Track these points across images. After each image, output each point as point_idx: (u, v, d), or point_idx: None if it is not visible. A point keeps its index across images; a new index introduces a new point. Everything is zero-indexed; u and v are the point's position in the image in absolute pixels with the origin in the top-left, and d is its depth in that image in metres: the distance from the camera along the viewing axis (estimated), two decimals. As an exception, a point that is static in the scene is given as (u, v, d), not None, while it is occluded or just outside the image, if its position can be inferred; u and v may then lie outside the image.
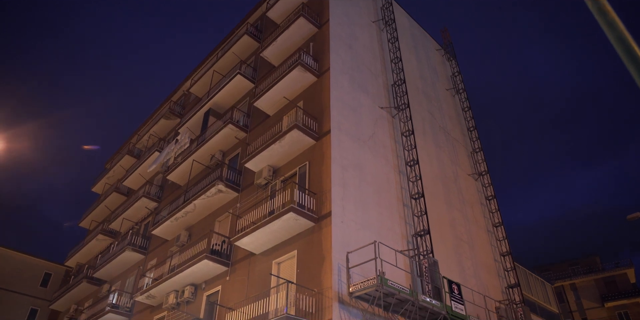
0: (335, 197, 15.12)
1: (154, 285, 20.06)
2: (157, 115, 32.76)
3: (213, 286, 18.24)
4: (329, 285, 13.28)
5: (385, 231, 16.22)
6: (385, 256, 14.08)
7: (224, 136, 21.97)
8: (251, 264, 16.88)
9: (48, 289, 39.47)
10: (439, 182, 21.07)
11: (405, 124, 20.05)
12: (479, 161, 25.19)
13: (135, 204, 27.10)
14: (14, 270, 38.71)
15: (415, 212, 17.64)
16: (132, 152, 33.25)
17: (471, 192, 23.33)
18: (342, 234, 14.48)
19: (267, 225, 15.40)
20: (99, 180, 37.17)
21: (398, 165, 18.99)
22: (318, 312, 13.13)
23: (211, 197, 20.18)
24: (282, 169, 18.15)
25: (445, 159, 22.78)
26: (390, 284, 12.81)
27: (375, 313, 13.66)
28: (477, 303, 17.12)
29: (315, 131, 17.33)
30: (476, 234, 21.62)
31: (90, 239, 31.24)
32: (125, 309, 23.41)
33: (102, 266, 26.83)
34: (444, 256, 17.91)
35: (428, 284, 14.90)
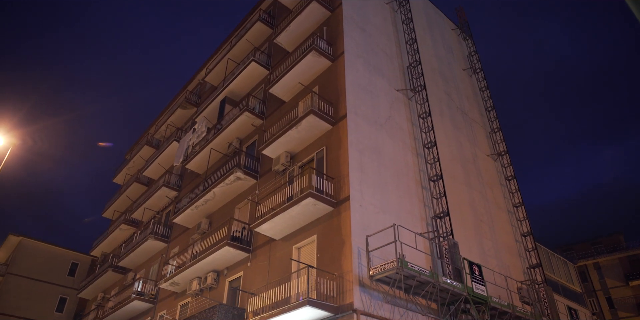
0: (353, 181, 15.09)
1: (177, 273, 20.38)
2: (174, 105, 32.93)
3: (235, 272, 18.46)
4: (349, 269, 13.31)
5: (405, 214, 16.18)
6: (405, 239, 14.05)
7: (240, 124, 22.02)
8: (271, 250, 17.01)
9: (75, 278, 40.46)
10: (458, 163, 20.89)
11: (421, 105, 19.84)
12: (498, 141, 24.87)
13: (156, 193, 27.45)
14: (42, 261, 39.74)
15: (434, 194, 17.53)
16: (150, 143, 33.58)
17: (490, 173, 23.10)
18: (361, 217, 14.48)
19: (286, 211, 15.46)
20: (119, 171, 37.69)
21: (416, 147, 18.84)
22: (339, 295, 13.20)
23: (230, 184, 20.30)
24: (299, 155, 18.15)
25: (464, 139, 22.53)
26: (411, 267, 12.79)
27: (396, 295, 13.68)
28: (498, 284, 17.04)
29: (332, 116, 17.25)
30: (496, 214, 21.44)
31: (113, 229, 31.80)
32: (150, 296, 23.86)
33: (126, 255, 27.33)
34: (464, 238, 17.82)
35: (448, 265, 14.86)
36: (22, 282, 38.35)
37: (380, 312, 13.17)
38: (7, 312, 36.81)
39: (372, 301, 13.18)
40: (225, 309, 16.14)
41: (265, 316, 13.77)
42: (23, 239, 40.24)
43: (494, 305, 14.80)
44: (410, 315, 13.88)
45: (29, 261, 39.32)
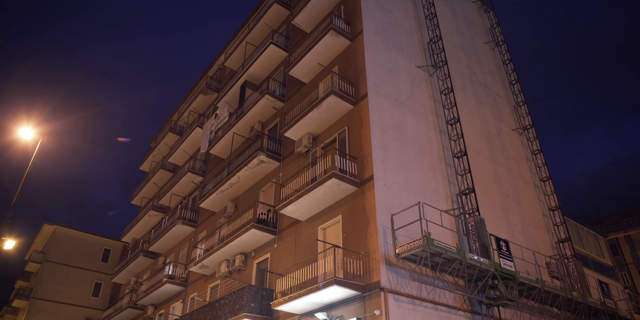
0: (376, 161, 15.02)
1: (206, 256, 20.75)
2: (195, 91, 33.10)
3: (262, 254, 18.69)
4: (375, 247, 13.34)
5: (429, 192, 16.07)
6: (430, 216, 13.97)
7: (261, 107, 22.03)
8: (297, 231, 17.13)
9: (109, 263, 41.65)
10: (482, 138, 20.57)
11: (443, 81, 19.51)
12: (523, 115, 24.35)
13: (182, 179, 27.83)
14: (76, 248, 40.99)
15: (459, 170, 17.34)
16: (174, 130, 33.92)
17: (516, 147, 22.70)
18: (385, 196, 14.44)
19: (311, 192, 15.50)
20: (145, 158, 38.27)
21: (439, 124, 18.61)
22: (366, 274, 13.26)
23: (254, 168, 20.43)
24: (321, 136, 18.11)
25: (488, 114, 22.13)
26: (437, 244, 12.74)
27: (423, 273, 13.68)
28: (526, 259, 16.88)
29: (352, 95, 17.12)
30: (523, 189, 21.14)
31: (142, 216, 32.43)
32: (180, 279, 24.40)
33: (156, 240, 27.92)
34: (490, 213, 17.64)
35: (475, 242, 14.76)
36: (58, 269, 39.68)
37: (407, 290, 13.21)
38: (47, 298, 38.23)
39: (399, 279, 13.21)
40: (254, 290, 16.40)
41: (294, 296, 13.94)
42: (57, 227, 41.47)
43: (522, 280, 14.69)
44: (438, 293, 13.90)
45: (64, 248, 40.60)
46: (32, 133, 19.66)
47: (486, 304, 14.42)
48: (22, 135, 19.47)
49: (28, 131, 19.55)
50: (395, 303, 12.67)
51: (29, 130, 19.56)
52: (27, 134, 19.55)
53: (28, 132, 19.55)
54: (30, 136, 19.69)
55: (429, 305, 13.46)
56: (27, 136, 19.61)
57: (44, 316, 37.36)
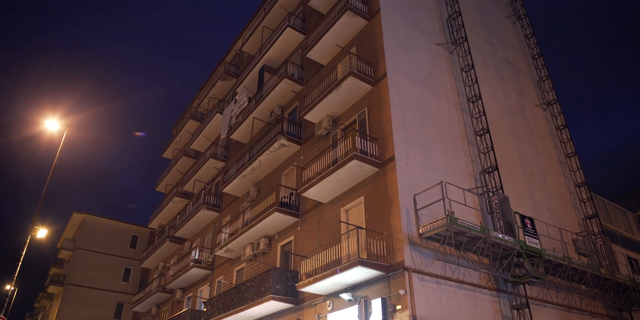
0: (397, 141, 14.91)
1: (230, 240, 21.02)
2: (214, 77, 33.19)
3: (286, 237, 18.85)
4: (399, 228, 13.33)
5: (452, 171, 15.93)
6: (453, 195, 13.87)
7: (280, 91, 21.99)
8: (320, 213, 17.20)
9: (137, 249, 42.62)
10: (505, 115, 20.21)
11: (464, 58, 19.15)
12: (547, 90, 23.78)
13: (204, 165, 28.10)
14: (105, 235, 42.01)
15: (481, 148, 17.12)
16: (195, 116, 34.17)
17: (540, 123, 22.25)
18: (407, 176, 14.36)
19: (332, 174, 15.50)
20: (168, 146, 38.71)
21: (460, 102, 18.33)
22: (390, 254, 13.28)
23: (275, 152, 20.49)
24: (341, 118, 18.03)
25: (510, 91, 21.69)
26: (460, 223, 12.66)
27: (447, 252, 13.64)
28: (552, 236, 16.67)
29: (371, 76, 16.95)
30: (547, 166, 20.78)
31: (167, 202, 32.94)
32: (207, 263, 24.82)
33: (181, 226, 28.37)
34: (515, 191, 17.42)
35: (499, 220, 14.62)
36: (89, 256, 40.77)
37: (431, 269, 13.20)
38: (80, 283, 39.39)
39: (422, 259, 13.20)
40: (279, 272, 16.60)
41: (318, 277, 14.06)
42: (86, 215, 42.47)
43: (549, 257, 14.54)
44: (462, 271, 13.86)
45: (93, 236, 41.62)
46: (57, 125, 20.00)
47: (511, 282, 14.34)
48: (48, 127, 19.83)
49: (54, 123, 19.88)
50: (419, 282, 12.69)
51: (54, 122, 19.90)
52: (53, 125, 19.89)
53: (54, 124, 19.89)
54: (56, 128, 20.03)
55: (454, 284, 13.45)
56: (53, 128, 19.96)
57: (78, 301, 38.56)
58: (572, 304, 16.73)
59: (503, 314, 14.17)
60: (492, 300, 14.19)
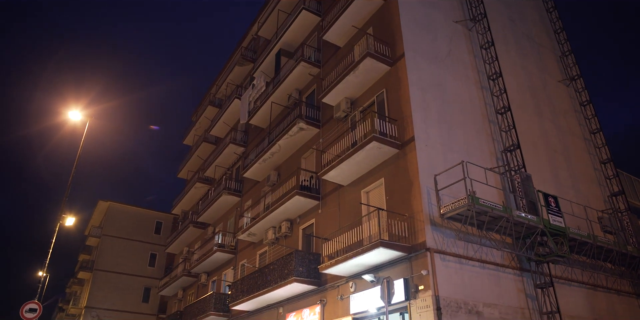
0: (416, 121, 14.77)
1: (252, 224, 21.24)
2: (231, 63, 33.18)
3: (307, 220, 18.95)
4: (420, 208, 13.28)
5: (473, 150, 15.74)
6: (475, 175, 13.70)
7: (298, 74, 21.90)
8: (340, 196, 17.22)
9: (161, 235, 43.41)
10: (527, 92, 19.80)
11: (483, 35, 18.74)
12: (570, 65, 23.13)
13: (224, 150, 28.29)
14: (130, 222, 42.85)
15: (503, 127, 16.84)
16: (213, 103, 34.30)
17: (563, 100, 21.74)
18: (427, 157, 14.25)
19: (351, 156, 15.47)
20: (188, 133, 39.05)
21: (480, 80, 18.01)
22: (411, 235, 13.27)
23: (294, 135, 20.49)
24: (359, 100, 17.91)
25: (532, 67, 21.19)
26: (482, 202, 12.55)
27: (469, 232, 13.56)
28: (577, 214, 16.39)
29: (389, 56, 16.74)
30: (571, 143, 20.36)
31: (189, 188, 33.36)
32: (230, 247, 25.16)
33: (204, 211, 28.75)
34: (538, 169, 17.14)
35: (522, 199, 14.44)
36: (115, 242, 41.68)
37: (453, 249, 13.16)
38: (108, 269, 40.39)
39: (444, 239, 13.16)
40: (301, 255, 16.75)
41: (340, 259, 14.14)
42: (111, 203, 43.31)
43: (573, 236, 14.35)
44: (485, 251, 13.78)
45: (119, 223, 42.49)
46: (80, 115, 20.27)
47: (535, 260, 14.23)
48: (70, 117, 20.11)
49: (76, 113, 20.16)
50: (441, 263, 12.68)
51: (77, 113, 20.17)
52: (76, 116, 20.16)
53: (76, 114, 20.16)
54: (78, 118, 20.30)
55: (476, 264, 13.40)
56: (76, 118, 20.23)
57: (107, 286, 39.58)
58: (598, 282, 16.55)
59: (527, 293, 14.09)
60: (516, 280, 14.11)
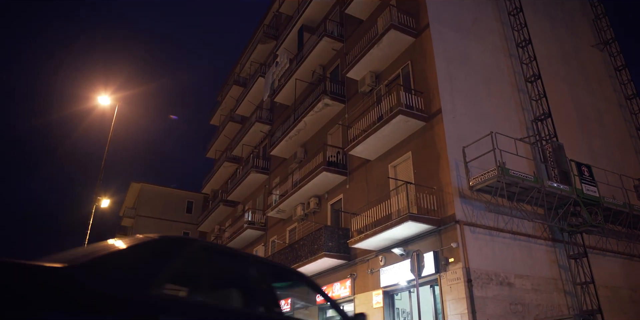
0: (443, 93, 14.52)
1: (281, 201, 21.43)
2: (254, 41, 33.04)
3: (335, 195, 19.00)
4: (448, 181, 13.15)
5: (502, 120, 15.40)
6: (504, 146, 13.44)
7: (321, 50, 21.68)
8: (368, 171, 17.18)
9: (193, 214, 44.29)
10: (557, 59, 19.16)
11: (511, 1, 18.11)
12: (604, 28, 22.14)
13: (251, 129, 28.43)
14: (162, 203, 43.80)
15: (533, 95, 16.40)
16: (238, 82, 34.33)
17: (596, 65, 20.95)
18: (455, 129, 14.03)
19: (378, 131, 15.36)
20: (214, 113, 39.31)
21: (508, 48, 17.49)
22: (440, 208, 13.18)
23: (319, 112, 20.41)
24: (384, 73, 17.66)
25: (562, 32, 20.42)
26: (513, 173, 12.34)
27: (499, 204, 13.39)
28: (611, 183, 15.96)
29: (413, 28, 16.38)
30: (606, 110, 19.71)
31: (218, 167, 33.78)
32: (260, 224, 25.51)
33: (233, 190, 29.12)
34: (570, 138, 16.68)
35: (554, 169, 14.14)
36: (149, 222, 42.71)
37: (483, 222, 13.04)
38: (143, 249, 41.53)
39: (474, 211, 13.04)
40: (330, 230, 16.86)
41: (369, 234, 14.19)
42: (143, 185, 44.28)
43: (608, 205, 14.02)
44: (516, 222, 13.61)
45: (152, 203, 43.49)
46: (109, 100, 20.56)
47: (568, 231, 13.99)
48: (100, 102, 20.43)
49: (105, 98, 20.46)
50: (471, 235, 12.59)
51: (106, 98, 20.48)
52: (105, 100, 20.47)
53: (105, 99, 20.47)
54: (108, 103, 20.61)
55: (507, 235, 13.26)
56: (105, 103, 20.54)
57: (144, 266, 40.77)
58: (634, 252, 16.21)
59: (559, 264, 13.92)
60: (548, 251, 13.94)
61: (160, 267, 2.66)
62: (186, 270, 3.06)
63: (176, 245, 2.95)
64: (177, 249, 2.90)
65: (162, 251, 2.80)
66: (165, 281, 2.65)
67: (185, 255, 2.91)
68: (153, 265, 2.64)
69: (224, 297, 3.25)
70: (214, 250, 3.44)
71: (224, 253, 3.57)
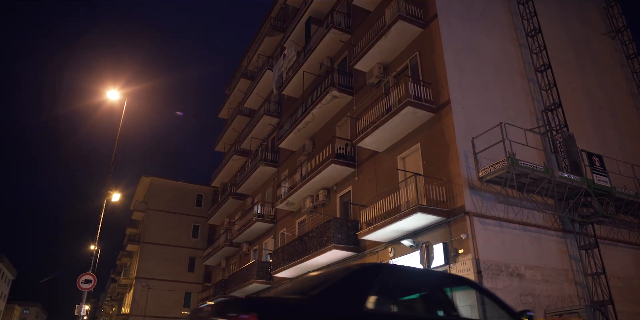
0: (452, 84, 14.42)
1: (290, 193, 21.47)
2: (261, 34, 32.94)
3: (344, 187, 19.00)
4: (457, 172, 13.10)
5: (511, 111, 15.27)
6: (514, 136, 13.34)
7: (328, 42, 21.59)
8: (376, 162, 17.14)
9: (202, 207, 44.55)
10: (568, 48, 18.90)
11: (520, -10, 17.90)
12: (615, 16, 21.72)
13: (259, 122, 28.44)
14: (172, 196, 44.08)
15: (543, 85, 16.23)
16: (245, 75, 34.29)
17: (608, 54, 20.61)
18: (464, 120, 13.95)
19: (386, 122, 15.30)
20: (222, 106, 39.34)
21: (517, 38, 17.29)
22: (450, 200, 13.14)
23: (327, 104, 20.37)
24: (392, 64, 17.56)
25: (573, 21, 20.12)
26: (522, 164, 12.27)
27: (509, 195, 13.32)
28: (623, 173, 15.78)
29: (421, 18, 16.25)
30: (617, 99, 19.44)
31: (227, 161, 33.88)
32: (269, 216, 25.60)
33: (242, 183, 29.22)
34: (581, 128, 16.50)
35: (564, 159, 14.04)
36: (160, 215, 43.05)
37: (493, 213, 12.99)
38: (154, 241, 41.91)
39: (484, 202, 12.99)
40: (339, 222, 16.88)
41: (379, 225, 14.19)
42: (153, 178, 44.56)
43: (619, 195, 13.91)
44: (526, 213, 13.54)
45: (162, 197, 43.78)
46: (117, 94, 20.63)
47: (579, 222, 13.90)
48: (109, 97, 20.49)
49: (114, 93, 20.53)
50: (481, 226, 12.55)
51: (115, 92, 20.55)
52: (114, 95, 20.53)
53: (114, 94, 20.54)
54: (116, 97, 20.67)
55: (517, 226, 13.20)
56: (114, 97, 20.61)
57: (155, 257, 41.16)
58: (647, 243, 16.10)
59: (570, 254, 13.85)
60: (558, 241, 13.87)
61: (368, 288, 3.63)
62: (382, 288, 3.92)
63: (374, 270, 4.10)
64: (375, 273, 3.97)
65: (365, 276, 3.81)
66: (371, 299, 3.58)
67: (380, 277, 3.94)
68: (363, 288, 3.60)
69: (412, 306, 4.25)
70: (399, 270, 4.70)
71: (406, 271, 4.84)
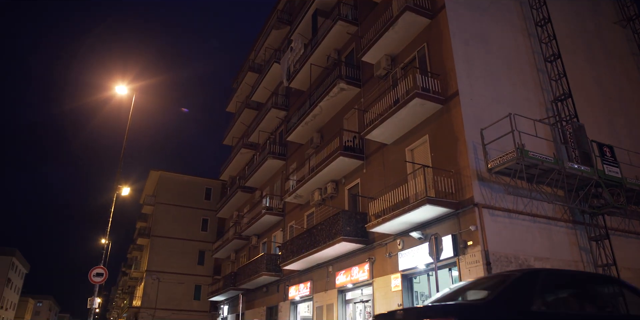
0: (460, 75, 14.29)
1: (298, 186, 21.49)
2: (268, 27, 32.84)
3: (352, 180, 18.98)
4: (466, 164, 13.02)
5: (521, 101, 15.13)
6: (523, 127, 13.22)
7: (335, 34, 21.48)
8: (384, 155, 17.09)
9: (211, 201, 44.75)
10: (578, 37, 18.65)
11: (529, -21, 17.66)
12: (627, 4, 21.33)
13: (267, 115, 28.44)
14: (181, 190, 44.32)
15: (552, 75, 16.05)
16: (253, 68, 34.28)
17: (619, 43, 20.28)
18: (473, 111, 13.84)
19: (394, 114, 15.22)
20: (230, 100, 39.37)
21: (526, 27, 17.09)
22: (458, 191, 13.08)
23: (334, 96, 20.31)
24: (400, 56, 17.44)
25: (583, 9, 19.83)
26: (532, 155, 12.16)
27: (518, 186, 13.23)
28: (635, 164, 15.62)
29: (429, 8, 16.10)
30: (629, 88, 19.19)
31: (235, 154, 33.96)
32: (278, 209, 25.66)
33: (250, 176, 29.29)
34: (591, 119, 16.32)
35: (574, 150, 13.90)
36: (169, 209, 43.31)
37: (502, 204, 12.91)
38: (164, 235, 42.21)
39: (493, 194, 12.91)
40: (348, 214, 16.89)
41: (387, 217, 14.17)
42: (162, 173, 44.77)
43: (631, 186, 13.75)
44: (535, 205, 13.45)
45: (171, 191, 44.03)
46: (126, 89, 20.70)
47: (589, 213, 13.79)
48: (117, 92, 20.57)
49: (123, 88, 20.61)
50: (490, 218, 12.49)
51: (123, 87, 20.62)
52: (122, 90, 20.61)
53: (123, 89, 20.61)
54: (125, 92, 20.74)
55: (527, 218, 13.12)
56: (122, 92, 20.68)
57: (165, 251, 41.49)
58: (658, 234, 15.94)
59: (580, 246, 13.76)
60: (569, 233, 13.77)
61: (532, 291, 4.54)
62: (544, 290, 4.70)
63: (535, 275, 4.94)
64: (535, 277, 4.85)
65: (528, 280, 4.74)
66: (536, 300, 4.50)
67: (541, 280, 4.77)
68: (528, 291, 4.54)
69: (571, 305, 5.06)
70: (556, 273, 5.59)
71: (562, 274, 5.79)
